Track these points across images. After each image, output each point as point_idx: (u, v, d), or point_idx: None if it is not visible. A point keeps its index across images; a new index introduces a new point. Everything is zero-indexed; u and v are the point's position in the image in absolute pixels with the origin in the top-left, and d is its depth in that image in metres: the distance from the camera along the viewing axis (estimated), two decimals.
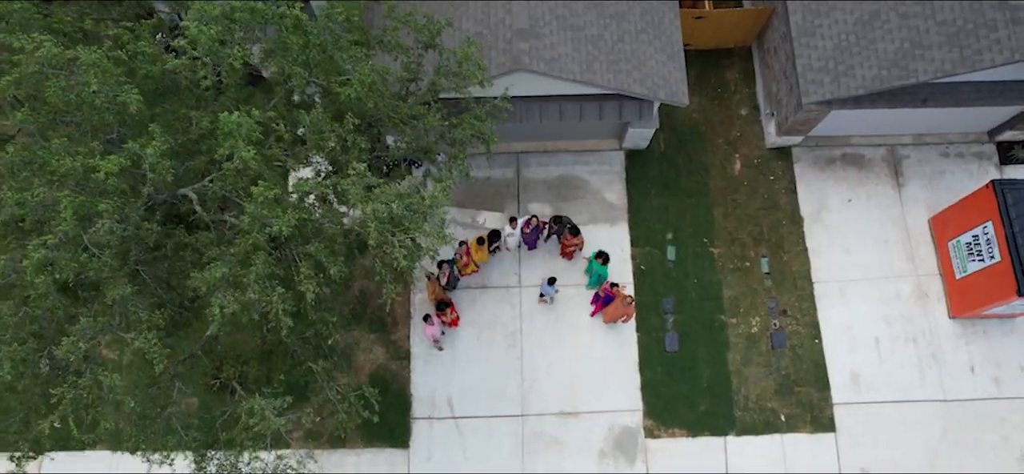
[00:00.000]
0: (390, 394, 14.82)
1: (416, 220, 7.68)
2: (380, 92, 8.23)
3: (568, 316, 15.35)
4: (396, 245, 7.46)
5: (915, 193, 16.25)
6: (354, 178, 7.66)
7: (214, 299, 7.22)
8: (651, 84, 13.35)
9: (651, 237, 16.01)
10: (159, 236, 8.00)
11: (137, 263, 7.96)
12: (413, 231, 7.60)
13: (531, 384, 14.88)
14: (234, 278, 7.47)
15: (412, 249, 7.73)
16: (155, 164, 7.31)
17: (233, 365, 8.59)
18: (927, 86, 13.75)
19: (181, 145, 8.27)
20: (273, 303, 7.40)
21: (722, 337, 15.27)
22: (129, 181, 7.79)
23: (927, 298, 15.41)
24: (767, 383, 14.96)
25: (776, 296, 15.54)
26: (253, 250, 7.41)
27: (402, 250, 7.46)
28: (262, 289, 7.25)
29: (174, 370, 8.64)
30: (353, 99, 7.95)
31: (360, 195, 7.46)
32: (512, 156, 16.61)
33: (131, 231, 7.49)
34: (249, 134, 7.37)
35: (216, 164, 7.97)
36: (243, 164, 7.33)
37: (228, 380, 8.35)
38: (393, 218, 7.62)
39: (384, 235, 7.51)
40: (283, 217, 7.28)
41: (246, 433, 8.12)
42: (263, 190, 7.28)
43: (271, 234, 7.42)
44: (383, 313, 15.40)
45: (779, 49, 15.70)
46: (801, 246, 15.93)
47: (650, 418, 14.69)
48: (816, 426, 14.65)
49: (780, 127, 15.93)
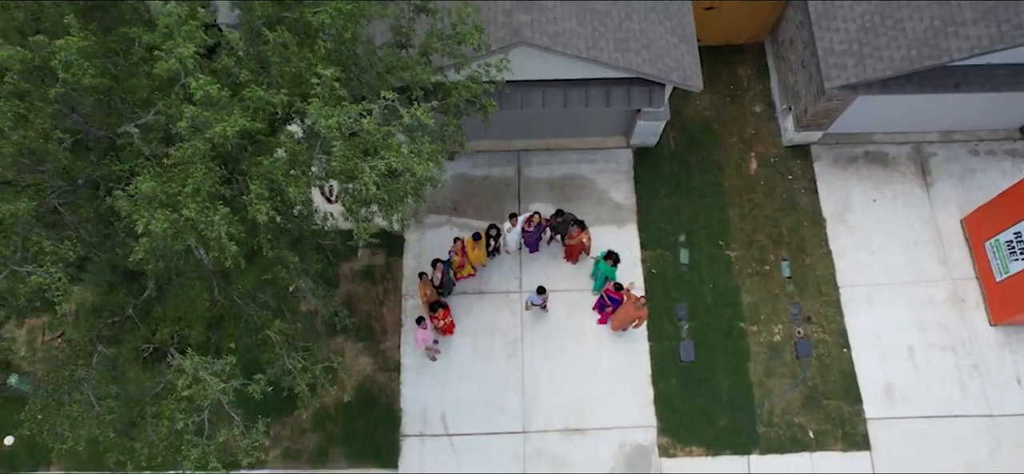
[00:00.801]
0: (377, 408, 13.46)
1: (394, 145, 6.48)
2: (359, 22, 7.14)
3: (573, 323, 14.07)
4: (367, 171, 6.25)
5: (945, 192, 15.14)
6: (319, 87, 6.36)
7: (139, 215, 5.98)
8: (662, 65, 12.35)
9: (662, 239, 14.83)
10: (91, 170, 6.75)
11: (60, 202, 6.71)
12: (390, 156, 6.38)
13: (533, 397, 13.51)
14: (168, 198, 6.26)
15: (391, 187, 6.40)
16: (70, 63, 6.18)
17: (171, 326, 7.22)
18: (960, 69, 12.75)
19: (120, 69, 7.13)
20: (215, 225, 6.21)
21: (742, 346, 13.96)
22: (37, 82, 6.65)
23: (964, 304, 14.14)
24: (793, 396, 13.60)
25: (799, 302, 14.29)
26: (192, 163, 6.20)
27: (373, 177, 6.22)
28: (201, 208, 6.02)
29: (97, 332, 7.33)
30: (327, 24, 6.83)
31: (321, 109, 6.27)
32: (512, 154, 15.55)
33: (36, 141, 6.30)
34: (192, 34, 6.24)
35: (161, 91, 6.82)
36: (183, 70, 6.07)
37: (163, 345, 7.01)
38: (365, 143, 6.43)
39: (352, 160, 6.31)
40: (228, 119, 6.10)
41: (177, 404, 6.78)
42: (203, 84, 6.10)
43: (213, 141, 6.24)
44: (371, 320, 14.12)
45: (795, 39, 14.78)
46: (824, 248, 14.74)
47: (665, 435, 13.28)
48: (848, 443, 13.23)
49: (798, 121, 14.90)
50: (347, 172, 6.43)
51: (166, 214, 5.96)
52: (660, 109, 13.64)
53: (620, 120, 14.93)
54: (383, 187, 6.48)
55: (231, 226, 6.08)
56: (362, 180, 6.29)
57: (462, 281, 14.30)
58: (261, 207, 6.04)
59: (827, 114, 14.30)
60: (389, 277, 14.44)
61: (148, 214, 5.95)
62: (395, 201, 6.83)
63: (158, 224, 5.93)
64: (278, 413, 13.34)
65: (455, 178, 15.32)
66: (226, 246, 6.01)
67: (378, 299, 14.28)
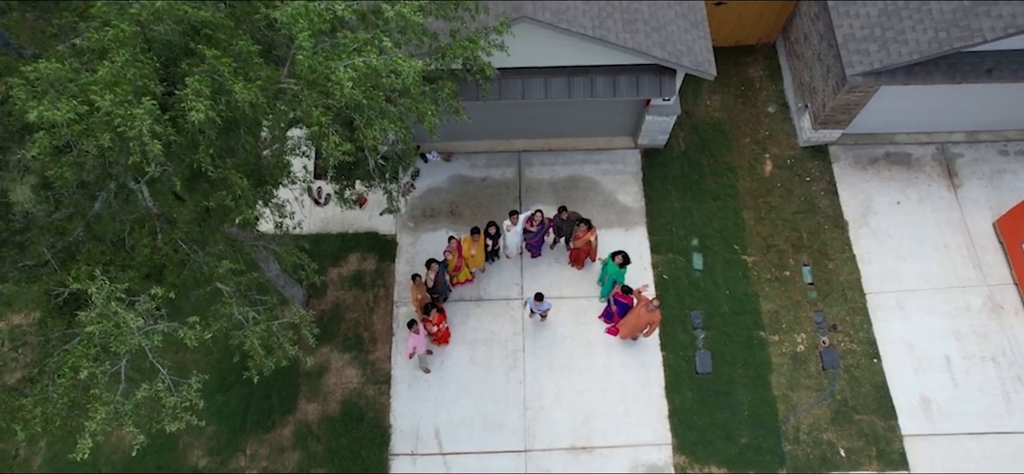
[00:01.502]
0: (364, 425, 12.24)
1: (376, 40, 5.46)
2: None
3: (580, 332, 12.95)
4: (340, 69, 5.20)
5: (975, 194, 14.20)
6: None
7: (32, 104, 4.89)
8: (673, 49, 11.56)
9: (673, 243, 13.82)
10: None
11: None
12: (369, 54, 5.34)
13: (536, 413, 12.32)
14: (80, 87, 5.18)
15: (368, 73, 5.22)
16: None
17: (89, 264, 5.90)
18: (992, 54, 11.95)
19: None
20: (136, 119, 5.18)
21: (763, 356, 12.81)
22: None
23: (1002, 311, 13.06)
24: (820, 410, 12.39)
25: (823, 309, 13.20)
26: (112, 47, 5.17)
27: (348, 73, 5.17)
28: (119, 99, 4.93)
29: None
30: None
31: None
32: (513, 155, 14.67)
33: None
34: None
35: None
36: None
37: (80, 290, 5.68)
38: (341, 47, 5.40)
39: (323, 63, 5.27)
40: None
41: (85, 352, 5.55)
42: None
43: (139, 20, 5.23)
44: (359, 329, 13.00)
45: (810, 33, 14.05)
46: (847, 253, 13.72)
47: (681, 453, 12.04)
48: (884, 462, 11.97)
49: (816, 118, 14.06)
50: (316, 77, 5.40)
51: (71, 103, 4.92)
52: (670, 101, 12.81)
53: (627, 117, 14.09)
54: (360, 88, 5.45)
55: (160, 124, 5.01)
56: (335, 80, 5.29)
57: (459, 287, 13.25)
58: (198, 104, 5.00)
59: (846, 109, 13.46)
60: (380, 283, 13.39)
61: (49, 102, 4.86)
62: (376, 113, 5.78)
63: (60, 113, 4.89)
64: (256, 429, 12.16)
65: (452, 180, 14.41)
66: (149, 146, 4.94)
67: (367, 306, 13.20)
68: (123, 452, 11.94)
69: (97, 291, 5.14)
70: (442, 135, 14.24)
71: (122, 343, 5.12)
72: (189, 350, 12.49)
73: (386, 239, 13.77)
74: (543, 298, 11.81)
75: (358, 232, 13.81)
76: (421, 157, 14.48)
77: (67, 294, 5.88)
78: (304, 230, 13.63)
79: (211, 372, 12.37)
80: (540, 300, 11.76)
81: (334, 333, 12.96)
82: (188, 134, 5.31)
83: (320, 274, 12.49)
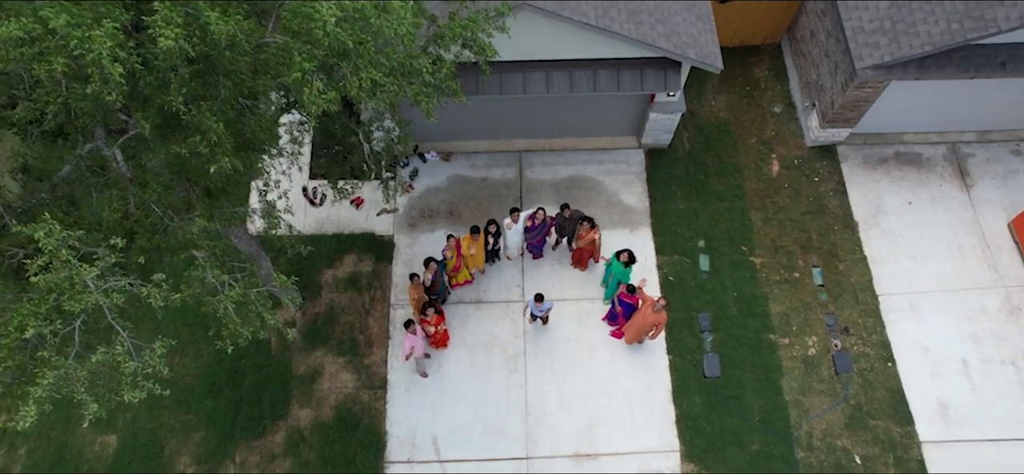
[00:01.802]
0: (359, 432, 11.74)
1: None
2: None
3: (583, 335, 12.50)
4: (323, 9, 4.78)
5: (988, 195, 13.82)
6: None
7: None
8: (678, 41, 11.25)
9: (679, 244, 13.42)
10: None
11: None
12: None
13: (538, 419, 11.82)
14: (33, 8, 4.73)
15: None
16: None
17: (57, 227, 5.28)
18: (1006, 47, 11.64)
19: None
20: (96, 42, 4.64)
21: (773, 360, 12.35)
22: None
23: (1021, 313, 12.62)
24: (834, 416, 11.90)
25: (834, 311, 12.76)
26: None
27: (332, 11, 4.74)
28: (75, 21, 4.50)
29: None
30: None
31: None
32: (513, 155, 14.32)
33: None
34: None
35: None
36: None
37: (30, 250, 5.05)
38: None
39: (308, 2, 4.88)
40: None
41: (34, 310, 4.78)
42: None
43: None
44: (355, 332, 12.54)
45: (817, 30, 13.77)
46: (858, 254, 13.31)
47: (690, 460, 11.52)
48: (902, 469, 11.46)
49: (824, 117, 13.73)
50: (301, 25, 4.98)
51: (21, 21, 4.49)
52: (675, 96, 12.48)
53: (631, 116, 13.76)
54: (346, 29, 5.06)
55: (123, 50, 4.58)
56: (317, 18, 4.89)
57: (458, 288, 12.82)
58: (167, 31, 4.58)
59: (855, 106, 13.13)
60: (376, 285, 12.95)
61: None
62: (364, 61, 5.37)
63: (8, 30, 4.46)
64: (246, 435, 11.66)
65: (451, 180, 14.04)
66: (110, 70, 4.50)
67: (363, 309, 12.75)
68: (106, 459, 11.43)
69: (45, 236, 4.66)
70: (441, 134, 13.91)
71: (76, 301, 4.64)
72: (178, 352, 12.07)
73: (383, 240, 13.36)
74: (544, 299, 11.38)
75: (354, 233, 13.40)
76: (420, 157, 14.13)
77: (23, 255, 5.41)
78: (298, 231, 13.22)
79: (200, 376, 11.91)
80: (540, 301, 11.33)
81: (329, 336, 12.50)
82: (158, 72, 4.91)
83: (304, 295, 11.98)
